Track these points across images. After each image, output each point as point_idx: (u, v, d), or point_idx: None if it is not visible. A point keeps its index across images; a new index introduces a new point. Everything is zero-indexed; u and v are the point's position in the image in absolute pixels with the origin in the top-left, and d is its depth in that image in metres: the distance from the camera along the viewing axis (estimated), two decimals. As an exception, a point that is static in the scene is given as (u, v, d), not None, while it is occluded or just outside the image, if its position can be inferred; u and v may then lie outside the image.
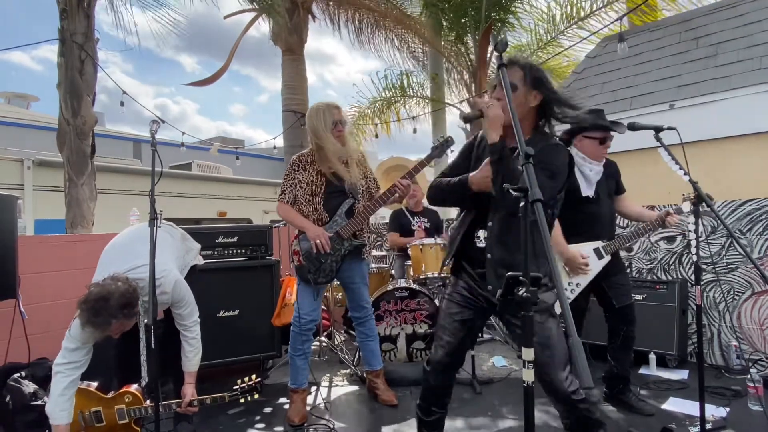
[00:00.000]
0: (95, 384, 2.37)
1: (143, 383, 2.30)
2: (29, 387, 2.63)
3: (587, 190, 2.68)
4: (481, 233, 1.86)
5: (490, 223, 1.82)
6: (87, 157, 4.90)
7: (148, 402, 2.33)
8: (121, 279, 2.14)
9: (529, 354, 1.06)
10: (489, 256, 1.78)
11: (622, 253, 3.33)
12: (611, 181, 2.83)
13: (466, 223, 1.91)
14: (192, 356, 2.42)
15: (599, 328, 2.99)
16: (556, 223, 2.55)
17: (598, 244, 2.71)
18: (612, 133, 2.67)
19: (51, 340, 3.21)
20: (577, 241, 2.65)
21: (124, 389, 2.36)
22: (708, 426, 2.19)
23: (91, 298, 2.04)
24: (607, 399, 2.90)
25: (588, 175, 2.68)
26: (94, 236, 3.95)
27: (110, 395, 2.34)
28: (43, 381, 2.90)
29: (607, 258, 2.72)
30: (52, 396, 2.15)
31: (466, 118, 1.76)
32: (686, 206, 2.62)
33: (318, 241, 2.70)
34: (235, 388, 2.39)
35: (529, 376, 1.07)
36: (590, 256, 2.68)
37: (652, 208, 2.78)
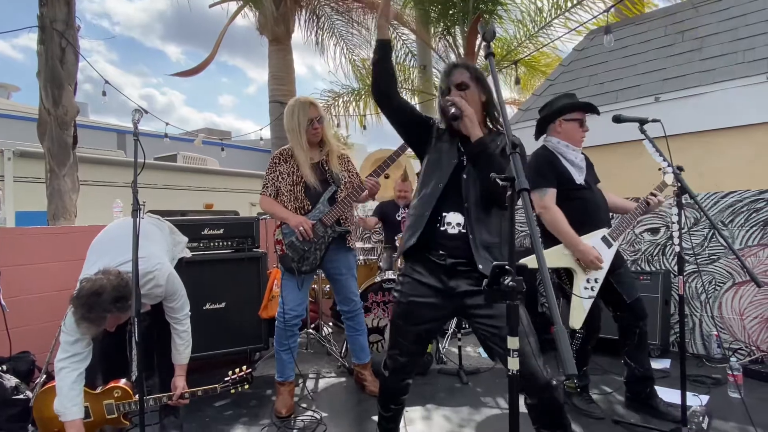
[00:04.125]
0: None
1: (133, 377, 2.27)
2: (11, 381, 2.59)
3: (579, 178, 2.59)
4: (452, 217, 1.79)
5: (466, 204, 1.77)
6: (69, 147, 4.80)
7: (137, 396, 2.30)
8: (112, 273, 2.10)
9: (513, 343, 1.06)
10: (471, 237, 1.74)
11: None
12: (592, 170, 2.74)
13: (429, 207, 1.81)
14: (183, 349, 2.40)
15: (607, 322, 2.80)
16: (562, 215, 2.49)
17: (604, 231, 2.58)
18: (588, 116, 2.60)
19: (32, 333, 3.17)
20: (582, 231, 2.53)
21: (112, 384, 2.33)
22: (688, 413, 2.23)
23: (84, 294, 2.01)
24: (631, 403, 2.72)
25: (575, 162, 2.59)
26: (77, 228, 3.89)
27: (98, 390, 2.31)
28: (25, 375, 2.86)
29: (616, 245, 2.57)
30: (61, 392, 2.11)
31: (453, 116, 1.77)
32: (669, 178, 2.47)
33: (300, 229, 2.68)
34: (226, 379, 2.38)
35: (514, 364, 1.07)
36: (600, 246, 2.54)
37: (636, 200, 2.78)
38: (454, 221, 1.78)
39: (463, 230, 1.76)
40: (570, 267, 2.52)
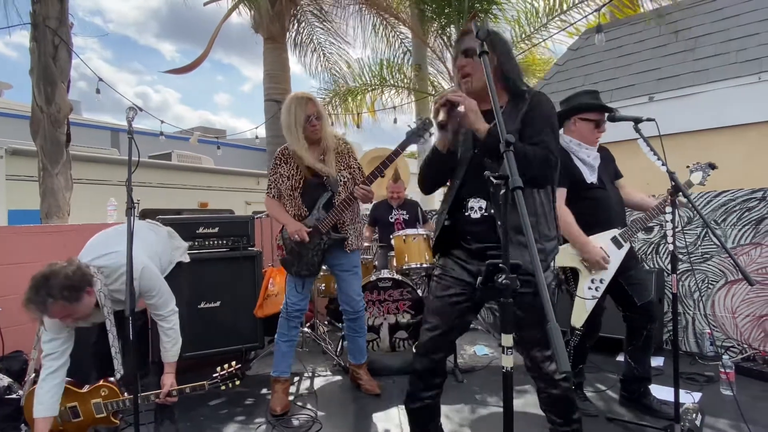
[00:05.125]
0: (69, 380, 2.33)
1: (117, 376, 2.26)
2: (3, 380, 2.58)
3: (591, 177, 2.53)
4: (474, 202, 1.76)
5: (491, 190, 1.77)
6: (62, 145, 4.77)
7: (125, 394, 2.30)
8: (73, 262, 2.11)
9: (507, 340, 1.07)
10: (499, 223, 1.64)
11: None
12: (610, 166, 2.68)
13: (452, 194, 1.80)
14: (170, 347, 2.39)
15: (609, 321, 2.76)
16: (570, 215, 2.46)
17: (615, 232, 2.52)
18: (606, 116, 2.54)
19: (25, 332, 3.15)
20: (592, 232, 2.48)
21: (100, 383, 2.33)
22: (681, 410, 2.25)
23: (36, 276, 2.03)
24: (625, 401, 2.72)
25: (587, 161, 2.55)
26: (70, 227, 3.86)
27: (85, 389, 2.30)
28: (18, 374, 2.85)
29: (627, 246, 2.53)
30: (36, 388, 2.17)
31: (441, 125, 1.69)
32: (696, 177, 2.53)
33: (295, 237, 2.68)
34: (214, 375, 2.36)
35: (508, 362, 1.08)
36: (609, 246, 2.49)
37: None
38: (476, 206, 1.76)
39: (485, 214, 1.74)
40: (575, 267, 2.51)
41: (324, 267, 3.26)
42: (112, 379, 2.32)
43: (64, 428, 2.30)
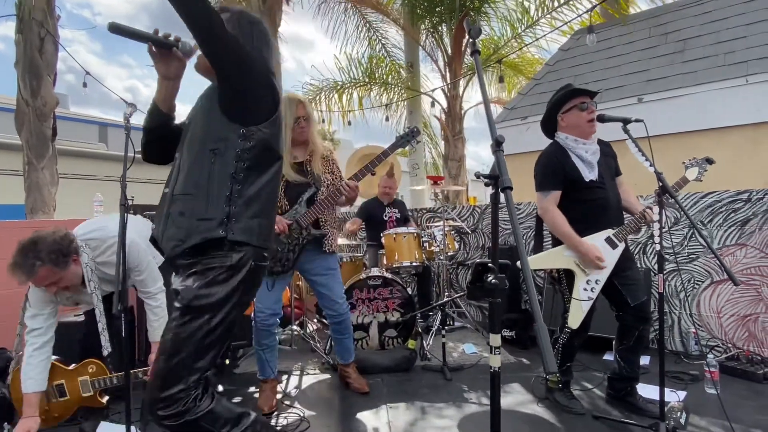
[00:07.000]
0: (56, 357, 2.31)
1: (105, 353, 2.25)
2: (-14, 379, 2.54)
3: (590, 174, 2.48)
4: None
5: (177, 155, 1.51)
6: (48, 139, 4.71)
7: (113, 372, 2.29)
8: (60, 230, 2.15)
9: (496, 340, 1.07)
10: (166, 190, 1.46)
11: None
12: (610, 160, 2.62)
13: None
14: (158, 325, 2.38)
15: (596, 319, 2.68)
16: (561, 216, 2.44)
17: (609, 232, 2.48)
18: (592, 101, 2.52)
19: (9, 329, 3.10)
20: (588, 232, 2.45)
21: (87, 360, 2.32)
22: (666, 408, 2.27)
23: (24, 241, 2.07)
24: (611, 399, 2.73)
25: (585, 157, 2.50)
26: (56, 222, 3.80)
27: (72, 367, 2.29)
28: (2, 372, 2.80)
29: (622, 246, 2.49)
30: (23, 364, 2.17)
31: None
32: (692, 173, 2.55)
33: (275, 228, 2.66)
34: None
35: (495, 361, 1.08)
36: (604, 247, 2.45)
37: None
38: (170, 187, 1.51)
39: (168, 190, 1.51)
40: (570, 268, 2.50)
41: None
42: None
43: (50, 409, 2.27)
